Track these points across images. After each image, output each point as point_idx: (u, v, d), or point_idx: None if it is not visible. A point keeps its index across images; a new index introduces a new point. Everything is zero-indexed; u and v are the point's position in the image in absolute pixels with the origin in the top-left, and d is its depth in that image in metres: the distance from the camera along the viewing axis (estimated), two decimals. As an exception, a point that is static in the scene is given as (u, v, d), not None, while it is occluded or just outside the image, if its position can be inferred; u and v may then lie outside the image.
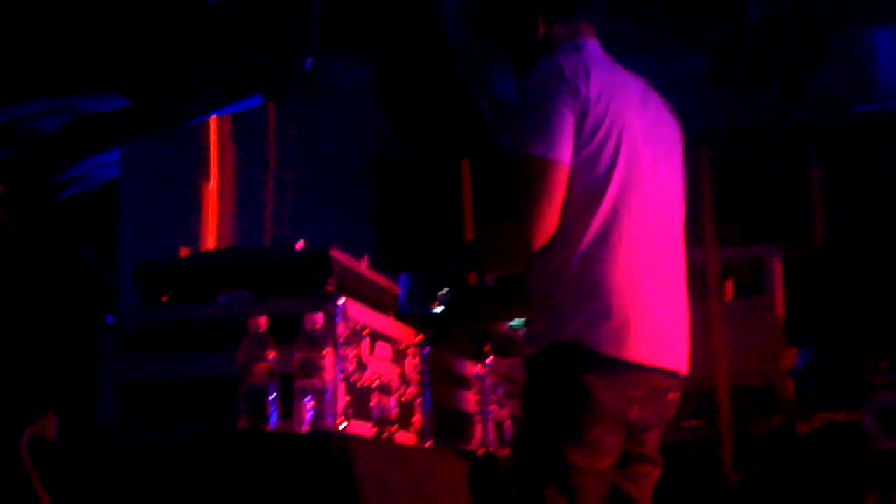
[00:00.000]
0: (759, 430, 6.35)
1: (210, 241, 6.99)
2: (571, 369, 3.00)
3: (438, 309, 3.61)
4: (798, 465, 6.26)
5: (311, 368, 2.85)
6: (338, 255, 3.13)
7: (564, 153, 3.02)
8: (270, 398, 2.83)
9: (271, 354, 2.85)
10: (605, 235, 3.05)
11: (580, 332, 3.00)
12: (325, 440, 2.80)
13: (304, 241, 3.17)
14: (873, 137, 8.82)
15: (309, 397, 2.84)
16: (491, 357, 4.02)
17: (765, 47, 8.44)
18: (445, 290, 3.62)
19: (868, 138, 8.84)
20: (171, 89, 7.51)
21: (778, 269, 7.12)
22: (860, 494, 6.21)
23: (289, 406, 2.84)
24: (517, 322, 4.23)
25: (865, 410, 6.04)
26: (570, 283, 3.04)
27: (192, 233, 7.14)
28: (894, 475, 6.07)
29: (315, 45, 7.35)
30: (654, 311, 3.09)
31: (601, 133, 3.07)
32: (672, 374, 3.15)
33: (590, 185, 3.05)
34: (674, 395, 3.21)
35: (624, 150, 3.10)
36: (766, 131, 8.77)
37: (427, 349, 3.50)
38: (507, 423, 4.08)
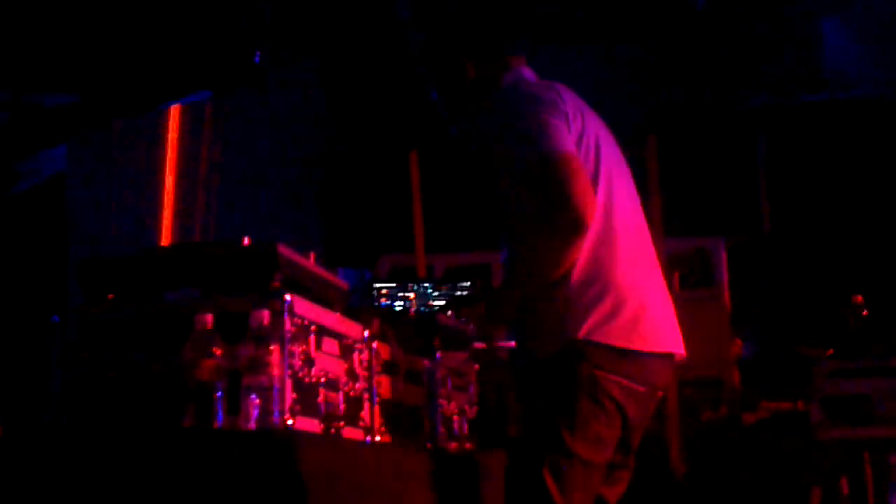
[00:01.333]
0: (706, 420, 6.41)
1: (164, 237, 6.96)
2: (584, 366, 3.20)
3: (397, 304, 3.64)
4: (744, 455, 6.31)
5: (258, 365, 2.85)
6: (284, 250, 3.12)
7: (573, 147, 3.21)
8: (217, 395, 2.83)
9: (218, 351, 2.84)
10: (604, 238, 3.28)
11: (593, 331, 3.21)
12: (271, 437, 2.80)
13: (251, 237, 3.16)
14: (820, 126, 8.88)
15: (255, 394, 2.83)
16: (439, 351, 4.03)
17: (713, 35, 8.49)
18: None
19: (815, 127, 8.90)
20: (117, 83, 7.46)
21: (724, 259, 7.18)
22: (806, 483, 6.27)
23: (235, 403, 2.83)
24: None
25: (811, 399, 6.09)
26: (579, 285, 3.23)
27: (143, 229, 7.11)
28: (839, 463, 6.13)
29: (263, 38, 7.33)
30: (652, 302, 3.34)
31: (584, 144, 3.28)
32: (672, 357, 3.37)
33: None
34: (660, 394, 3.41)
35: (603, 157, 3.33)
36: (713, 120, 8.82)
37: (375, 344, 3.50)
38: (455, 418, 4.09)
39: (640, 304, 3.29)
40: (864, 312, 6.30)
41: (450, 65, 3.52)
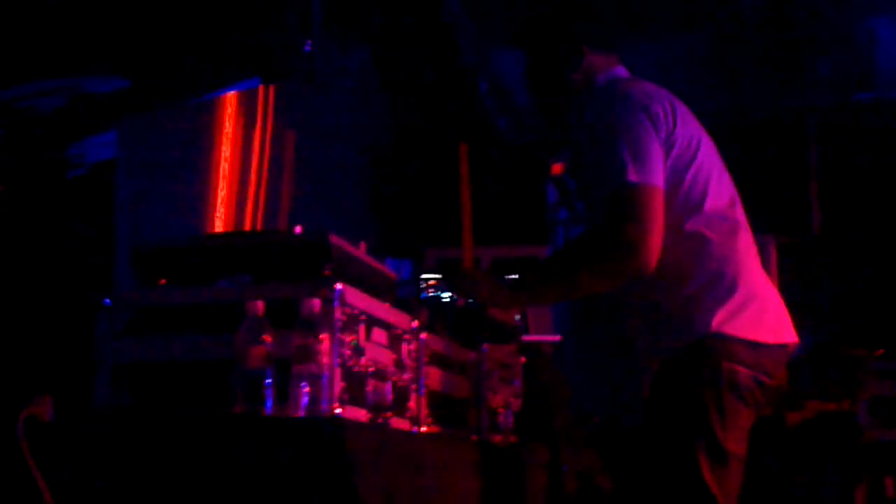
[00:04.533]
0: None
1: (218, 223, 6.98)
2: (723, 360, 3.19)
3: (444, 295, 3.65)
4: (790, 454, 6.28)
5: (308, 353, 2.86)
6: (336, 240, 3.13)
7: (659, 177, 3.20)
8: (267, 382, 2.84)
9: (268, 339, 2.86)
10: (726, 232, 3.29)
11: (725, 324, 3.20)
12: (320, 425, 2.81)
13: (302, 226, 3.17)
14: (871, 126, 8.81)
15: (305, 382, 2.84)
16: (486, 343, 4.03)
17: (764, 32, 8.44)
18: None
19: (866, 127, 8.83)
20: (169, 69, 7.50)
21: (773, 257, 7.13)
22: (851, 484, 6.24)
23: (285, 391, 2.85)
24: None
25: (858, 400, 6.06)
26: (708, 280, 3.24)
27: (192, 214, 7.13)
28: (885, 465, 6.09)
29: (314, 27, 7.35)
30: (770, 293, 3.35)
31: (686, 148, 3.29)
32: (789, 347, 3.35)
33: (695, 194, 3.27)
34: (781, 388, 3.54)
35: (705, 157, 3.34)
36: (764, 118, 8.77)
37: (423, 335, 3.51)
38: (501, 410, 4.10)
39: (765, 296, 3.32)
40: (914, 314, 6.26)
41: (566, 48, 3.49)
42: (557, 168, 3.86)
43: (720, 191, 3.35)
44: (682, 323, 3.25)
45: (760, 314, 3.27)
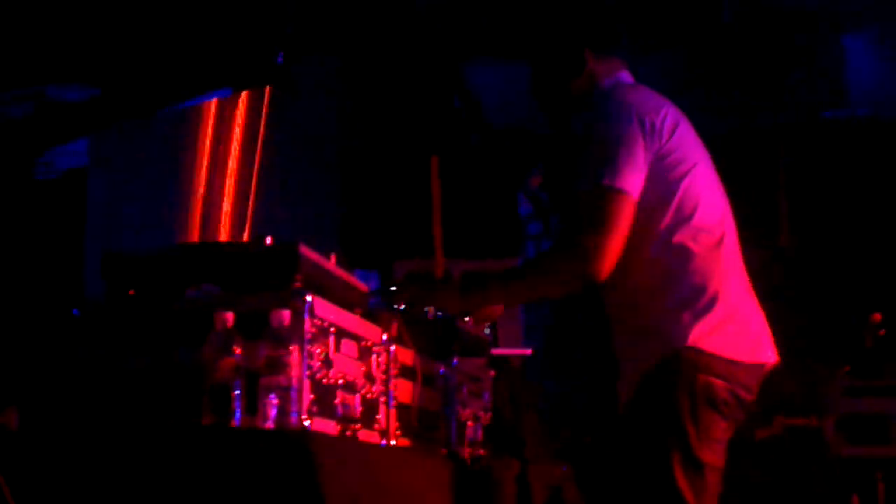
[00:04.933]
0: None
1: (185, 235, 6.95)
2: (698, 372, 3.20)
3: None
4: (757, 470, 6.29)
5: (277, 365, 2.85)
6: (306, 251, 3.12)
7: (633, 186, 3.20)
8: (235, 394, 2.83)
9: (237, 350, 2.85)
10: (711, 249, 3.29)
11: (702, 339, 3.22)
12: (288, 437, 2.80)
13: (272, 237, 3.16)
14: (841, 143, 8.85)
15: (274, 394, 2.83)
16: (456, 356, 4.03)
17: (736, 50, 8.47)
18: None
19: (835, 144, 8.87)
20: (138, 79, 7.47)
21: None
22: (817, 498, 6.25)
23: (253, 402, 2.84)
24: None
25: (826, 416, 6.08)
26: (689, 293, 3.25)
27: (162, 225, 7.10)
28: (851, 481, 6.11)
29: (287, 37, 7.33)
30: (753, 312, 3.38)
31: (679, 156, 3.30)
32: (765, 367, 3.38)
33: (682, 206, 3.27)
34: (754, 405, 3.42)
35: (699, 168, 3.36)
36: (734, 134, 8.80)
37: (393, 347, 3.50)
38: (470, 423, 4.09)
39: (746, 314, 3.34)
40: (882, 331, 6.28)
41: (572, 52, 3.51)
42: (536, 181, 3.89)
43: (712, 207, 3.37)
44: (660, 335, 3.27)
45: (739, 332, 3.29)
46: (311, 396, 2.93)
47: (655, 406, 3.26)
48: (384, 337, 3.46)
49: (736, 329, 3.28)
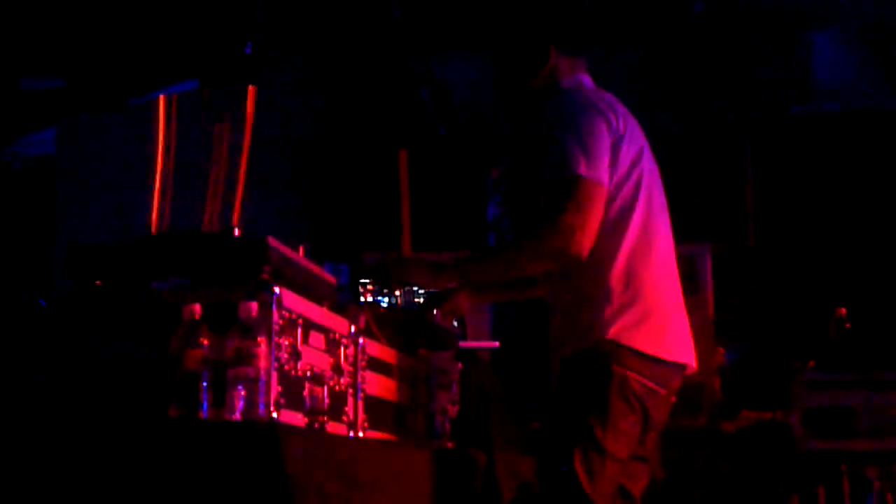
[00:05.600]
0: (686, 427, 6.41)
1: (153, 226, 6.92)
2: (612, 365, 3.32)
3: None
4: (724, 463, 6.32)
5: (245, 357, 2.84)
6: (274, 243, 3.12)
7: (605, 176, 3.33)
8: (203, 386, 2.82)
9: (205, 341, 2.84)
10: (641, 247, 3.41)
11: (621, 333, 3.34)
12: (256, 429, 2.79)
13: (240, 229, 3.15)
14: (807, 138, 8.90)
15: (241, 386, 2.83)
16: (424, 349, 4.04)
17: (703, 44, 8.50)
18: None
19: (802, 139, 8.91)
20: (105, 69, 7.44)
21: (709, 267, 7.18)
22: (783, 491, 6.28)
23: (221, 394, 2.83)
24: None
25: (792, 410, 6.11)
26: (612, 289, 3.37)
27: (130, 215, 7.06)
28: (817, 474, 6.14)
29: (255, 28, 7.31)
30: (675, 315, 3.48)
31: (630, 159, 3.42)
32: (685, 369, 3.49)
33: (624, 202, 3.40)
34: (674, 399, 3.54)
35: (645, 171, 3.46)
36: (702, 128, 8.83)
37: (361, 339, 3.50)
38: (438, 416, 4.09)
39: (665, 316, 3.43)
40: (847, 325, 6.31)
41: (537, 47, 3.57)
42: (495, 172, 3.94)
43: (649, 208, 3.47)
44: (582, 327, 3.40)
45: (658, 330, 3.39)
46: (279, 388, 2.92)
47: (568, 393, 3.39)
48: (352, 329, 3.46)
49: (655, 326, 3.38)
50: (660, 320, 3.40)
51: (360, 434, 3.45)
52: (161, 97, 7.10)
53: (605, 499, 3.34)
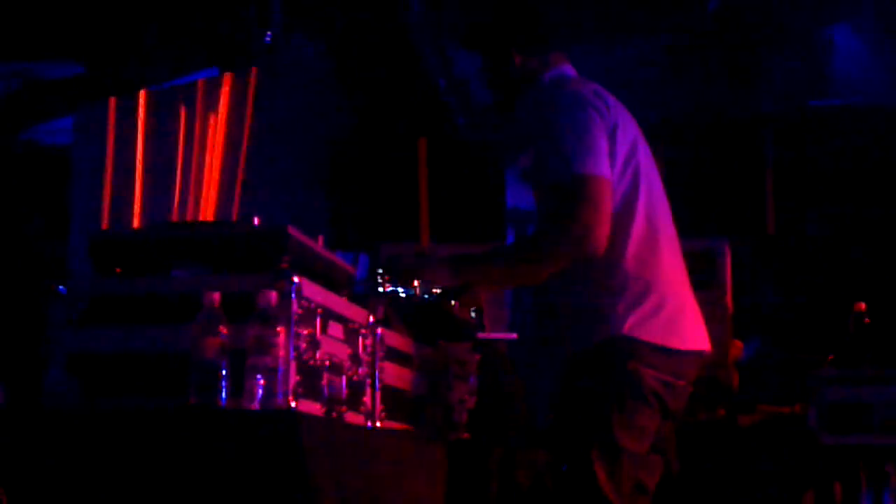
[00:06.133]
0: (703, 420, 6.40)
1: (174, 213, 6.94)
2: (626, 361, 3.33)
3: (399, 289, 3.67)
4: (740, 457, 6.31)
5: (264, 346, 2.84)
6: (294, 232, 3.12)
7: (606, 169, 3.34)
8: (221, 374, 2.82)
9: (224, 330, 2.83)
10: (648, 238, 3.41)
11: (636, 327, 3.34)
12: (274, 418, 2.79)
13: (260, 217, 3.15)
14: (825, 131, 8.88)
15: (260, 375, 2.82)
16: (442, 339, 4.03)
17: (722, 37, 8.48)
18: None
19: (820, 132, 8.90)
20: (126, 56, 7.45)
21: (728, 260, 7.16)
22: (799, 486, 6.27)
23: (240, 383, 2.83)
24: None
25: (810, 405, 6.09)
26: (624, 282, 3.37)
27: (149, 204, 7.08)
28: (834, 470, 6.13)
29: (275, 18, 7.31)
30: (687, 302, 3.49)
31: (626, 149, 3.43)
32: (702, 354, 3.49)
33: (626, 193, 3.40)
34: (690, 389, 3.53)
35: (641, 160, 3.47)
36: (720, 122, 8.81)
37: (380, 330, 3.50)
38: (455, 407, 4.08)
39: (679, 303, 3.43)
40: (866, 320, 6.29)
41: (497, 53, 3.64)
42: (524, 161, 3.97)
43: (650, 195, 3.48)
44: (593, 323, 3.40)
45: (672, 321, 3.40)
46: (297, 378, 2.92)
47: (583, 390, 3.39)
48: (371, 319, 3.46)
49: (669, 317, 3.39)
50: (673, 309, 3.41)
51: (378, 424, 3.45)
52: (181, 85, 7.10)
53: (625, 498, 3.34)
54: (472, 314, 4.25)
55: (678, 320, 3.41)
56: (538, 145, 3.45)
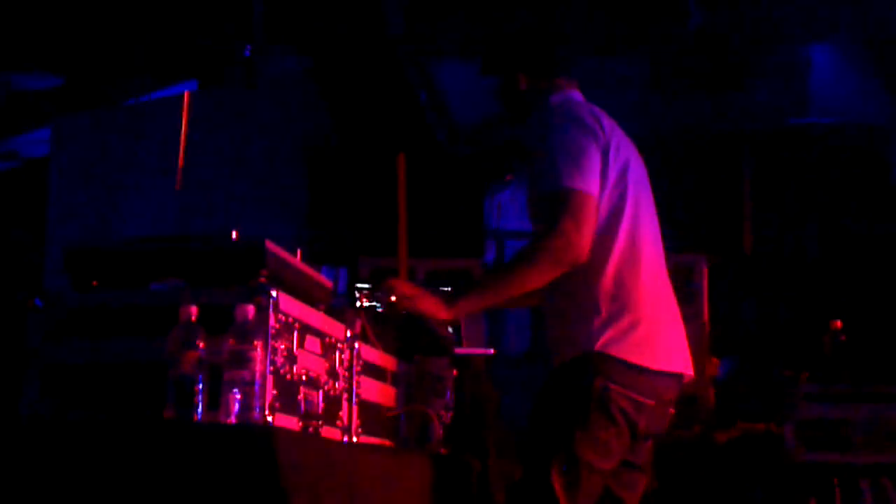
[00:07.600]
0: (679, 437, 6.41)
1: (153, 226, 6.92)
2: (595, 377, 3.36)
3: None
4: (716, 474, 6.32)
5: (241, 360, 2.83)
6: (272, 246, 3.12)
7: (594, 187, 3.42)
8: (198, 388, 2.82)
9: (201, 344, 2.83)
10: (629, 257, 3.46)
11: (610, 344, 3.38)
12: (251, 432, 2.79)
13: (238, 232, 3.15)
14: (804, 150, 8.91)
15: (237, 389, 2.82)
16: (419, 354, 4.03)
17: (703, 55, 8.50)
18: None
19: (799, 151, 8.93)
20: (105, 69, 7.44)
21: (705, 277, 7.18)
22: (775, 503, 6.28)
23: (216, 397, 2.82)
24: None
25: (785, 421, 6.11)
26: (601, 299, 3.42)
27: (123, 215, 7.06)
28: (809, 486, 6.14)
29: (255, 32, 7.31)
30: (666, 323, 3.52)
31: (617, 169, 3.49)
32: (681, 377, 3.53)
33: (611, 212, 3.46)
34: (672, 410, 3.57)
35: (631, 181, 3.53)
36: (699, 140, 8.83)
37: (357, 344, 3.50)
38: (432, 421, 4.09)
39: (656, 324, 3.45)
40: (842, 338, 6.31)
41: (505, 75, 3.74)
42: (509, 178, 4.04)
43: (638, 213, 3.53)
44: (571, 339, 3.44)
45: (646, 340, 3.42)
46: (274, 392, 2.92)
47: (550, 403, 3.44)
48: (348, 334, 3.46)
49: (643, 337, 3.41)
50: (649, 330, 3.43)
51: (355, 439, 3.45)
52: (160, 98, 7.09)
53: None
54: (450, 329, 4.26)
55: (652, 340, 3.43)
56: (535, 161, 3.53)
